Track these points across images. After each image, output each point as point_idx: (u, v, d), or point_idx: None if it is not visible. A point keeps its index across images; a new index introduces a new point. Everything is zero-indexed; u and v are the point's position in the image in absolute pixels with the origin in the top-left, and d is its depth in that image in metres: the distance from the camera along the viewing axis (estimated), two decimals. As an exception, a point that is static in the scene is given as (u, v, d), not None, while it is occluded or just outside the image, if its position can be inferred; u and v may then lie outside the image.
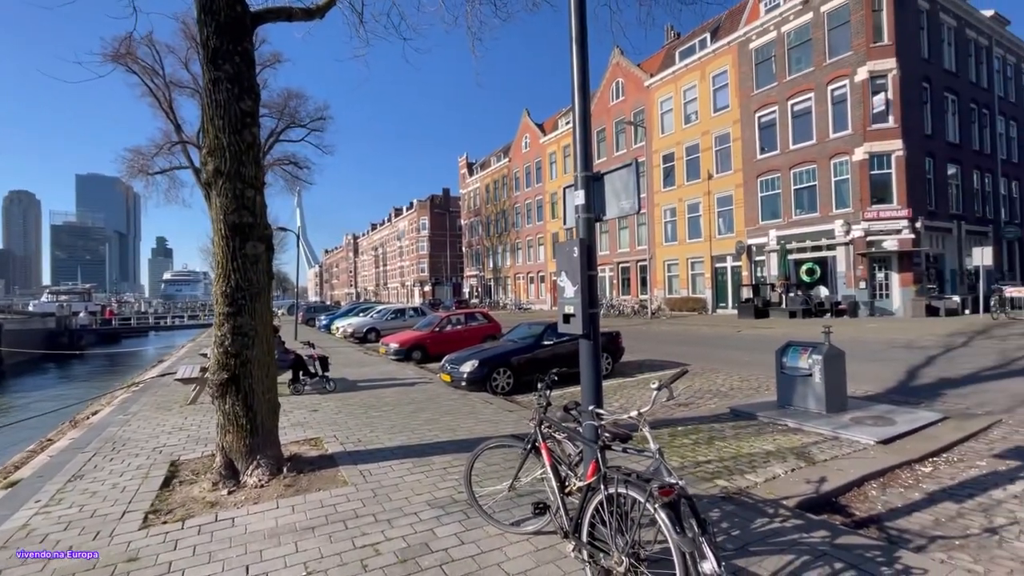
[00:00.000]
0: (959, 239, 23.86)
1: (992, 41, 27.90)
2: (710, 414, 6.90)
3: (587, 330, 3.06)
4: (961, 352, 11.43)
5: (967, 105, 25.53)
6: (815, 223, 23.43)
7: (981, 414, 6.43)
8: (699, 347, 14.68)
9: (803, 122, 24.20)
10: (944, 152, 23.85)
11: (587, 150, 3.13)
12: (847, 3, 22.28)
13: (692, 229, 30.37)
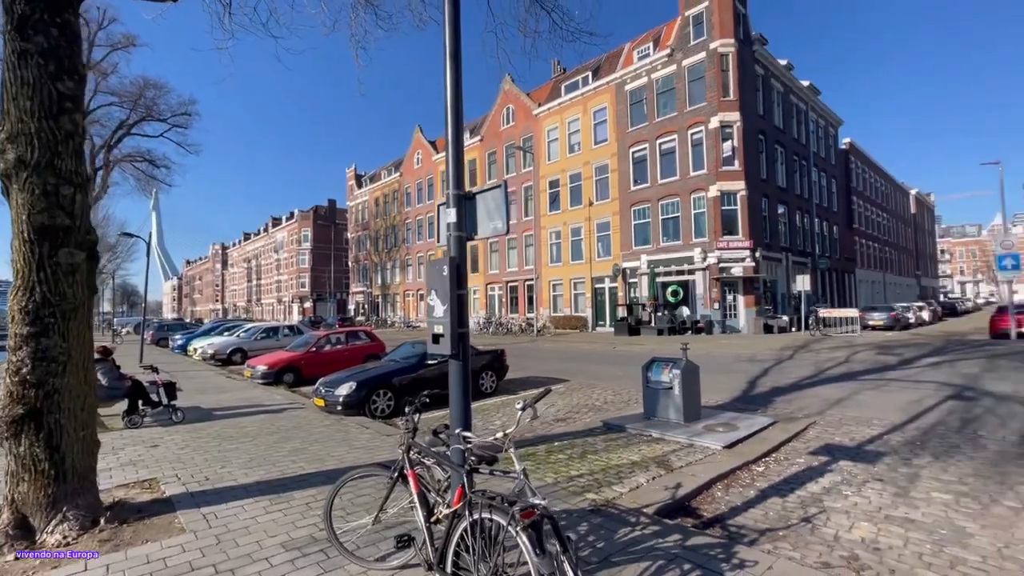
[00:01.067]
0: (787, 268, 28.29)
1: (808, 106, 33.98)
2: (585, 428, 7.20)
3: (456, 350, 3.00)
4: (788, 364, 13.41)
5: (791, 156, 30.67)
6: (679, 250, 26.21)
7: (801, 417, 7.53)
8: (579, 363, 15.44)
9: (669, 160, 27.14)
10: (775, 194, 28.28)
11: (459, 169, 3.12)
12: (702, 61, 25.66)
13: (575, 252, 32.21)
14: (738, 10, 25.91)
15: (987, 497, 4.44)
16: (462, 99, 3.16)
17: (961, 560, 3.43)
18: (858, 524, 4.01)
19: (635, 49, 30.07)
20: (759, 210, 26.32)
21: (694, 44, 26.06)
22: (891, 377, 10.83)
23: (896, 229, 52.02)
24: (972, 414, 7.40)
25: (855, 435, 6.53)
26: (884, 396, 8.91)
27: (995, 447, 5.85)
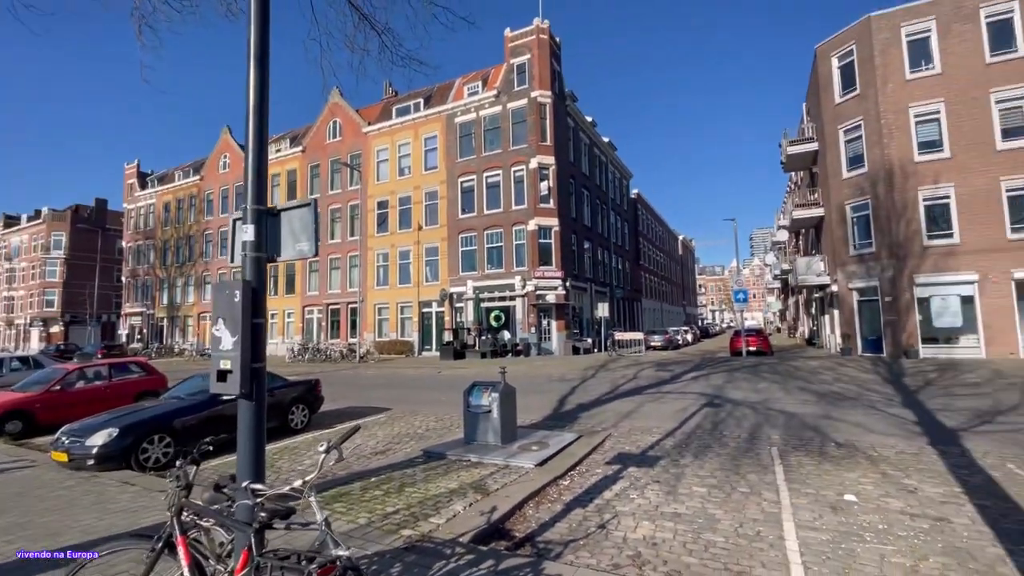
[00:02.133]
0: (591, 296, 32.17)
1: (608, 159, 39.77)
2: (405, 459, 6.96)
3: (247, 388, 2.60)
4: (591, 382, 15.10)
5: (595, 200, 35.35)
6: (502, 277, 27.77)
7: (600, 430, 8.48)
8: (403, 390, 15.03)
9: (494, 192, 28.84)
10: (583, 232, 32.16)
11: (261, 181, 2.77)
12: (524, 107, 28.18)
13: (403, 275, 31.70)
14: (554, 67, 29.28)
15: (729, 486, 5.53)
16: (267, 107, 2.82)
17: (712, 543, 4.17)
18: (641, 524, 4.61)
19: (465, 85, 31.59)
20: (570, 244, 29.56)
21: (518, 90, 28.51)
22: (666, 390, 12.98)
23: (670, 267, 63.61)
24: (719, 418, 9.26)
25: (640, 443, 7.58)
26: (661, 406, 10.60)
27: (733, 444, 7.38)
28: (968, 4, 18.95)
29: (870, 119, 20.22)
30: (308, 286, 35.64)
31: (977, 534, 4.17)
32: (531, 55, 28.24)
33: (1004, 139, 18.14)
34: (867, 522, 4.46)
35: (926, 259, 18.91)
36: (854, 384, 12.99)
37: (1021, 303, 17.66)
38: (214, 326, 2.60)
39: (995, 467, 5.88)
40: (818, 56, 22.83)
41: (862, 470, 5.94)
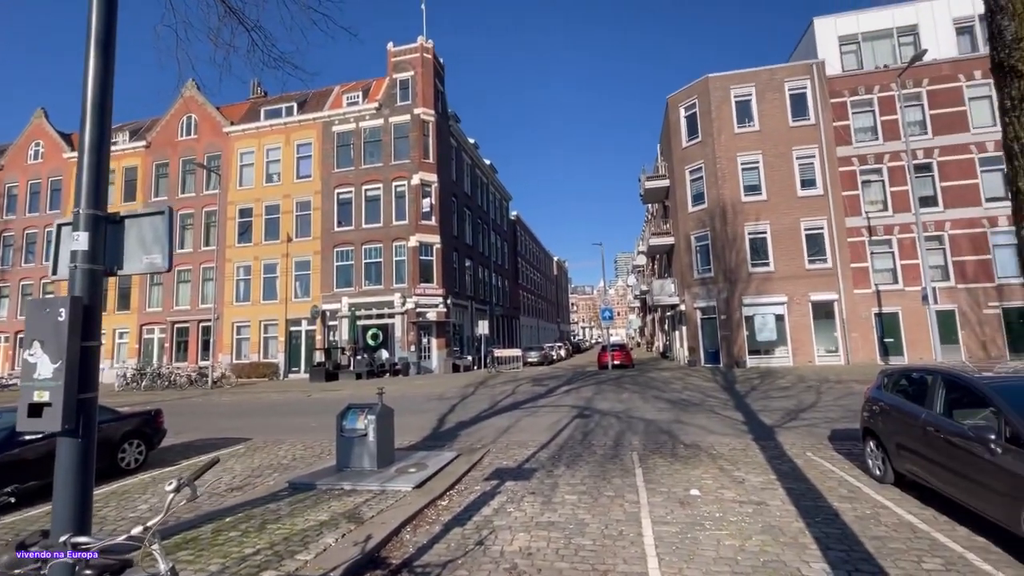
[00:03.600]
0: (471, 314, 32.53)
1: (489, 181, 40.97)
2: (267, 493, 6.33)
3: (72, 423, 2.19)
4: (471, 399, 15.20)
5: (476, 220, 36.08)
6: (380, 294, 26.84)
7: (479, 447, 8.58)
8: (266, 417, 13.66)
9: (374, 206, 27.96)
10: (464, 250, 32.54)
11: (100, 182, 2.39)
12: (407, 122, 27.95)
13: (268, 290, 29.02)
14: (438, 87, 29.58)
15: (596, 491, 5.97)
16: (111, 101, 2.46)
17: (581, 547, 4.46)
18: (517, 536, 4.75)
19: (345, 94, 30.41)
20: (451, 262, 29.69)
21: (400, 105, 28.21)
22: (542, 404, 13.58)
23: (546, 286, 67.01)
24: (589, 428, 9.94)
25: (517, 457, 7.83)
26: (537, 420, 11.06)
27: (601, 452, 7.97)
28: (777, 77, 23.34)
29: (709, 163, 23.69)
30: (148, 301, 30.83)
31: (786, 512, 5.03)
32: (415, 72, 28.22)
33: (802, 188, 22.51)
34: (707, 512, 5.12)
35: (751, 283, 22.49)
36: (698, 392, 14.86)
37: (816, 320, 21.82)
38: (27, 350, 2.15)
39: (798, 456, 7.16)
40: (669, 105, 26.22)
41: (704, 467, 6.82)
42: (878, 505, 5.15)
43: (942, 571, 3.77)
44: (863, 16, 23.22)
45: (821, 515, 4.91)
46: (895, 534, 4.44)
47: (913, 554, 4.05)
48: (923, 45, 21.05)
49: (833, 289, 21.78)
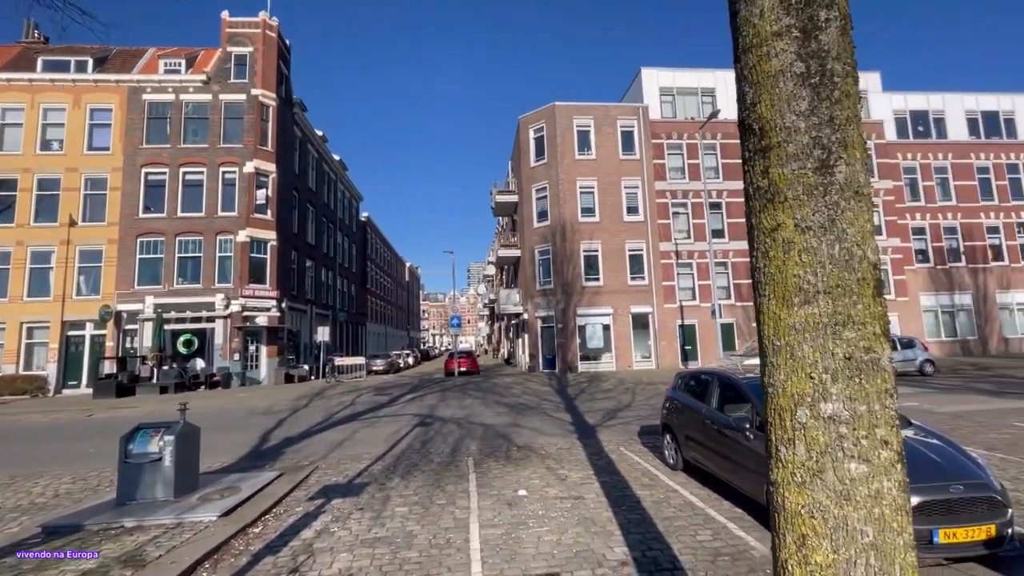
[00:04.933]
0: (311, 319, 30.11)
1: (338, 178, 38.60)
2: (8, 544, 4.94)
3: None
4: (304, 412, 13.97)
5: (321, 218, 33.64)
6: (198, 294, 23.28)
7: (307, 464, 7.89)
8: (21, 444, 10.74)
9: (195, 192, 24.23)
10: (305, 250, 30.04)
11: None
12: (243, 103, 24.92)
13: (37, 284, 23.12)
14: (282, 71, 26.99)
15: (429, 501, 5.90)
16: None
17: (407, 560, 4.35)
18: (339, 557, 4.45)
19: (163, 59, 25.93)
20: (289, 262, 27.13)
21: (235, 83, 25.04)
22: (383, 414, 13.08)
23: (396, 292, 65.28)
24: (429, 436, 9.85)
25: (349, 471, 7.38)
26: (375, 431, 10.61)
27: (438, 460, 7.94)
28: (611, 114, 26.35)
29: (553, 184, 25.63)
30: None
31: (600, 504, 5.57)
32: (255, 49, 25.36)
33: (628, 214, 25.67)
34: (532, 511, 5.42)
35: (584, 296, 24.81)
36: (535, 396, 15.80)
37: (635, 330, 24.94)
38: None
39: (613, 451, 8.02)
40: (520, 125, 27.78)
41: (533, 467, 7.23)
42: (670, 489, 6.01)
43: (711, 540, 4.53)
44: (677, 73, 27.53)
45: (627, 503, 5.55)
46: (680, 513, 5.22)
47: (692, 529, 4.80)
48: (718, 105, 25.76)
49: (649, 303, 25.16)
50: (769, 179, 1.65)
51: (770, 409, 1.65)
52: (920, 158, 28.31)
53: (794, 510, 1.55)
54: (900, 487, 1.47)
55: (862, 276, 1.53)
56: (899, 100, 28.92)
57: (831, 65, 1.60)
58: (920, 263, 27.67)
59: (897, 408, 1.53)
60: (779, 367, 1.61)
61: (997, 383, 14.79)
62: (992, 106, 29.31)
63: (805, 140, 1.59)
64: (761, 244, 1.68)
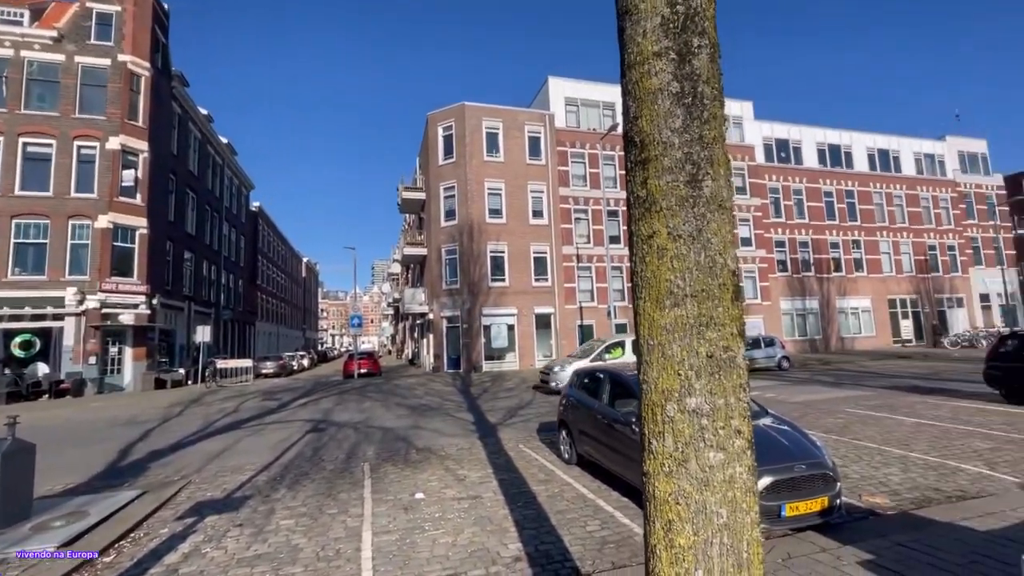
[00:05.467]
0: (189, 317, 27.06)
1: (225, 163, 35.15)
2: None
3: None
4: (176, 421, 12.49)
5: (204, 206, 30.39)
6: (41, 287, 19.86)
7: (177, 479, 7.06)
8: None
9: (40, 168, 20.64)
10: (183, 240, 26.94)
11: None
12: (107, 69, 21.71)
13: None
14: (158, 37, 23.96)
15: (318, 511, 5.56)
16: None
17: (290, 575, 4.05)
18: (210, 581, 4.02)
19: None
20: (163, 253, 24.16)
21: (96, 45, 21.74)
22: (271, 420, 12.12)
23: (292, 289, 60.96)
24: (322, 442, 9.29)
25: (228, 485, 6.72)
26: (261, 439, 9.79)
27: (331, 466, 7.52)
28: (519, 119, 26.91)
29: (461, 183, 25.56)
30: None
31: (496, 502, 5.62)
32: (124, 9, 22.22)
33: (533, 217, 26.38)
34: (429, 513, 5.33)
35: (490, 296, 25.05)
36: (438, 396, 15.62)
37: (538, 330, 25.69)
38: None
39: (512, 449, 8.17)
40: (429, 121, 27.34)
41: (432, 469, 7.12)
42: (564, 483, 6.24)
43: (599, 529, 4.78)
44: (582, 85, 28.84)
45: (523, 500, 5.67)
46: (572, 506, 5.44)
47: (582, 520, 5.02)
48: (617, 119, 27.41)
49: (551, 304, 26.05)
50: (647, 190, 1.76)
51: (644, 404, 1.77)
52: (782, 180, 32.46)
53: (662, 498, 1.67)
54: (749, 471, 1.65)
55: (723, 282, 1.69)
56: (767, 128, 32.92)
57: (702, 88, 1.75)
58: (780, 272, 31.70)
59: (749, 400, 1.71)
60: (652, 365, 1.72)
61: (835, 376, 17.38)
62: (836, 140, 34.47)
63: (679, 155, 1.72)
64: (639, 250, 1.80)
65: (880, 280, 33.80)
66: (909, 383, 14.25)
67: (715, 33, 1.83)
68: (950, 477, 5.86)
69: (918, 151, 36.39)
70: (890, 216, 34.67)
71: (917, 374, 16.68)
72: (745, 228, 30.72)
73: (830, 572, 3.62)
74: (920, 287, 34.63)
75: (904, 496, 5.29)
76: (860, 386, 14.17)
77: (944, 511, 4.70)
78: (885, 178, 34.89)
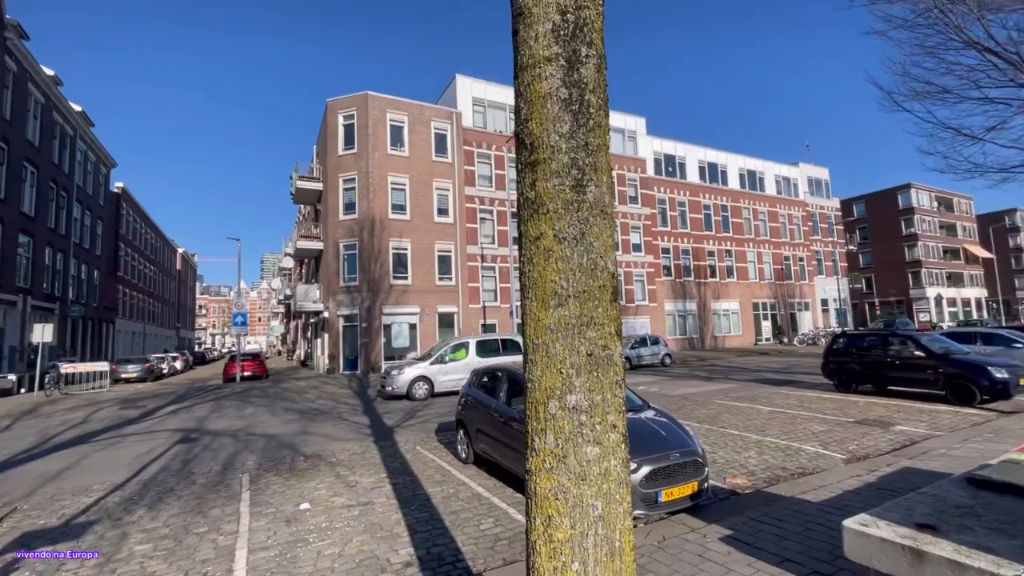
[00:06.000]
0: (24, 314, 22.86)
1: (78, 135, 30.23)
2: None
3: None
4: (1, 438, 10.47)
5: (47, 183, 25.86)
6: None
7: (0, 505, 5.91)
8: None
9: None
10: (18, 222, 22.70)
11: None
12: (-93, 5, 17.57)
13: None
14: (-15, -25, 19.91)
15: (184, 531, 4.96)
16: None
17: (143, 608, 3.56)
18: (35, 625, 3.41)
19: None
20: (-12, 236, 20.11)
21: None
22: (129, 432, 10.63)
23: (162, 282, 54.06)
24: (193, 454, 8.34)
25: (68, 510, 5.76)
26: (116, 454, 8.54)
27: (203, 480, 6.77)
28: (426, 114, 26.44)
29: (362, 176, 24.48)
30: None
31: (389, 507, 5.44)
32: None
33: (438, 215, 26.06)
34: (315, 524, 5.00)
35: (392, 294, 24.29)
36: (331, 399, 14.80)
37: (441, 329, 25.41)
38: None
39: (409, 451, 7.98)
40: (329, 109, 25.83)
41: (321, 476, 6.71)
42: (459, 483, 6.22)
43: (492, 527, 4.81)
44: (489, 86, 29.07)
45: (416, 503, 5.54)
46: (467, 505, 5.43)
47: (476, 519, 5.03)
48: (523, 124, 28.02)
49: (455, 303, 25.93)
50: (536, 192, 1.79)
51: (528, 403, 1.79)
52: (669, 193, 35.43)
53: (543, 494, 1.70)
54: (623, 463, 1.74)
55: (603, 284, 1.77)
56: (657, 144, 35.73)
57: (588, 96, 1.82)
58: (665, 276, 34.57)
59: (624, 396, 1.81)
60: (536, 364, 1.75)
61: (709, 371, 19.34)
62: (714, 159, 38.41)
63: (565, 160, 1.77)
64: (527, 251, 1.82)
65: (746, 286, 38.26)
66: (767, 376, 16.29)
67: (602, 46, 1.91)
68: (794, 457, 6.78)
69: (778, 174, 41.78)
70: (756, 229, 39.39)
71: (773, 368, 19.13)
72: (636, 235, 33.03)
73: (697, 550, 3.99)
74: (777, 292, 39.78)
75: (759, 476, 6.01)
76: (729, 379, 15.91)
77: (788, 487, 5.42)
78: (752, 196, 39.56)
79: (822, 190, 44.98)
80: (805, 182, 43.46)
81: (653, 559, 3.87)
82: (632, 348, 21.88)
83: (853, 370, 11.94)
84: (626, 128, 33.92)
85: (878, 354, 11.56)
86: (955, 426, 8.19)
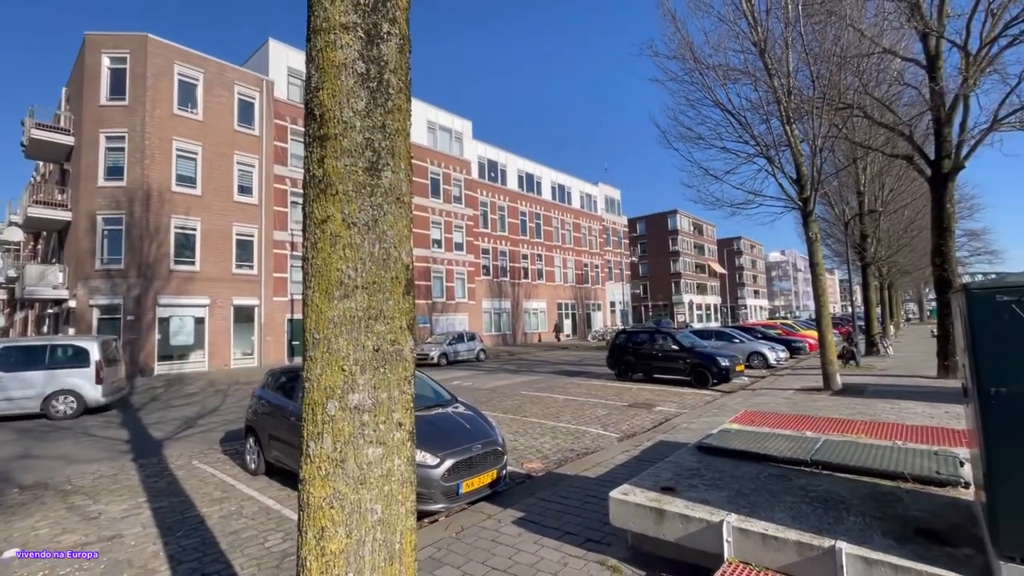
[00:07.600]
0: None
1: None
2: None
3: None
4: None
5: None
6: None
7: None
8: None
9: None
10: None
11: None
12: None
13: None
14: None
15: None
16: None
17: None
18: None
19: None
20: None
21: None
22: None
23: None
24: None
25: None
26: None
27: None
28: (227, 76, 22.86)
29: (135, 135, 19.98)
30: None
31: (145, 538, 4.48)
32: None
33: (239, 193, 22.77)
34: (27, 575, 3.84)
35: (171, 281, 20.35)
36: (75, 411, 11.71)
37: (236, 324, 22.26)
38: None
39: (182, 467, 6.74)
40: (88, 45, 20.44)
41: (45, 511, 5.21)
42: (245, 498, 5.47)
43: (281, 542, 4.34)
44: (309, 60, 26.49)
45: (184, 528, 4.69)
46: (252, 522, 4.80)
47: (262, 536, 4.48)
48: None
49: (256, 295, 22.98)
50: (324, 169, 1.62)
51: (305, 404, 1.62)
52: (491, 197, 37.18)
53: (316, 504, 1.54)
54: (408, 462, 1.68)
55: (396, 275, 1.68)
56: (482, 148, 37.18)
57: (388, 76, 1.71)
58: (484, 276, 36.19)
59: (413, 392, 1.76)
60: (316, 361, 1.59)
61: (518, 365, 20.84)
62: (531, 170, 41.64)
63: (359, 139, 1.64)
64: (312, 235, 1.64)
65: (553, 287, 42.40)
66: (564, 368, 18.25)
67: (407, 27, 1.83)
68: (581, 439, 7.69)
69: (583, 190, 47.32)
70: (563, 238, 43.93)
71: (570, 361, 21.54)
72: (459, 234, 33.84)
73: (492, 535, 4.20)
74: (577, 294, 45.02)
75: (552, 459, 6.65)
76: (533, 372, 17.36)
77: (574, 467, 6.10)
78: (561, 207, 44.02)
79: (615, 208, 52.42)
80: (603, 200, 50.08)
81: (450, 551, 3.94)
82: (450, 344, 22.33)
83: (630, 361, 14.15)
84: (453, 128, 34.49)
85: (647, 348, 13.91)
86: (695, 405, 10.31)
